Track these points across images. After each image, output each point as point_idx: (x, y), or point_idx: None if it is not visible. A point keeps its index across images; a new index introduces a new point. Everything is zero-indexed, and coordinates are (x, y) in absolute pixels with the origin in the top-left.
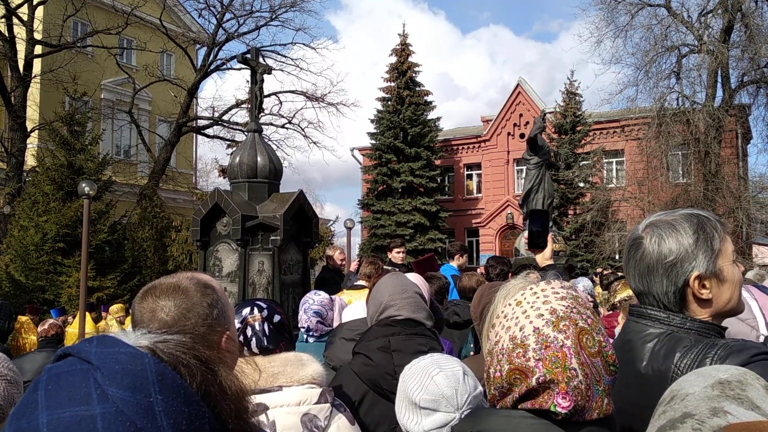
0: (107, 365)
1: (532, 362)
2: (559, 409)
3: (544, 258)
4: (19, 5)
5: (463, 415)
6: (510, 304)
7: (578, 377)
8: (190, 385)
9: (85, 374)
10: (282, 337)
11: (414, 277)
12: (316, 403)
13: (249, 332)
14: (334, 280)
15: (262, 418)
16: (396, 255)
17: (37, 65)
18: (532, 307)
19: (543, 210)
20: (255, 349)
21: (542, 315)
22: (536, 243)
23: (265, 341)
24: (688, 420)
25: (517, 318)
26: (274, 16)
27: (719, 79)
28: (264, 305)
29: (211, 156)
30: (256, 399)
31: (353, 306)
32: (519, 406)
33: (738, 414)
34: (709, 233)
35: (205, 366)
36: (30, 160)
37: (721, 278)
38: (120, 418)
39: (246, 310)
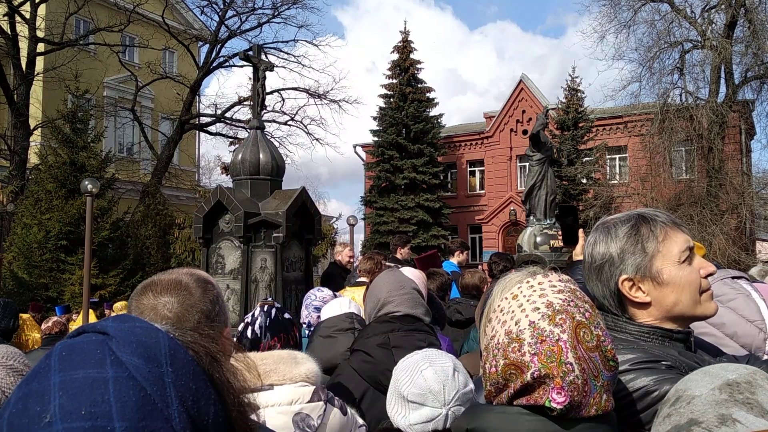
0: (123, 336)
1: (527, 357)
2: (554, 405)
3: (576, 254)
4: (22, 3)
5: (450, 411)
6: (506, 298)
7: (574, 372)
8: (200, 366)
9: (100, 343)
10: (282, 330)
11: (410, 272)
12: (308, 402)
13: (249, 319)
14: (340, 276)
15: (252, 417)
16: (406, 252)
17: (39, 63)
18: (528, 300)
19: (570, 205)
20: (252, 332)
21: (538, 308)
22: (568, 239)
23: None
24: (695, 428)
25: (513, 312)
26: (276, 13)
27: (723, 75)
28: (279, 303)
29: (213, 153)
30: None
31: (330, 304)
32: (514, 402)
33: (747, 422)
34: (644, 235)
35: (212, 357)
36: (33, 158)
37: (660, 281)
38: (131, 382)
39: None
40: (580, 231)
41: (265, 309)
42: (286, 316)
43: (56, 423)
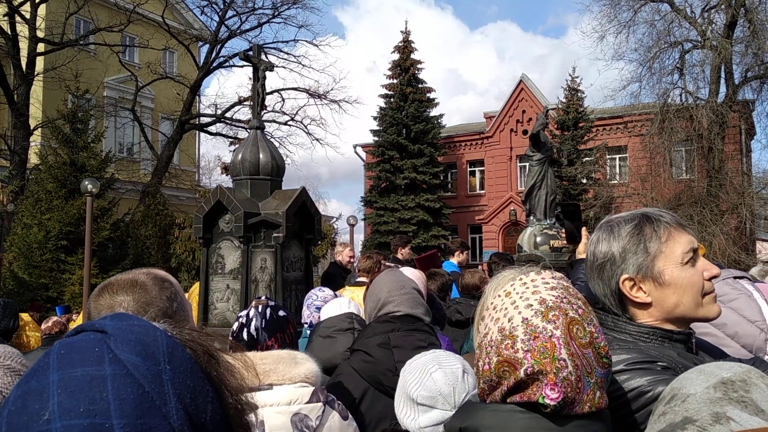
0: (121, 334)
1: (520, 353)
2: (548, 401)
3: (578, 253)
4: (22, 3)
5: None
6: (499, 295)
7: (568, 368)
8: (197, 364)
9: (98, 341)
10: (279, 330)
11: (410, 272)
12: (307, 403)
13: (243, 320)
14: (340, 276)
15: (251, 417)
16: (406, 252)
17: (39, 63)
18: (521, 297)
19: (573, 203)
20: (249, 334)
21: (531, 305)
22: (571, 237)
23: (260, 331)
24: (689, 426)
25: (506, 309)
26: (276, 13)
27: (723, 75)
28: (272, 302)
29: (213, 153)
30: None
31: (330, 305)
32: (508, 400)
33: (741, 420)
34: (647, 234)
35: (209, 354)
36: (33, 158)
37: (661, 281)
38: (129, 380)
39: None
40: (583, 229)
41: (260, 309)
42: (281, 313)
43: (55, 420)
